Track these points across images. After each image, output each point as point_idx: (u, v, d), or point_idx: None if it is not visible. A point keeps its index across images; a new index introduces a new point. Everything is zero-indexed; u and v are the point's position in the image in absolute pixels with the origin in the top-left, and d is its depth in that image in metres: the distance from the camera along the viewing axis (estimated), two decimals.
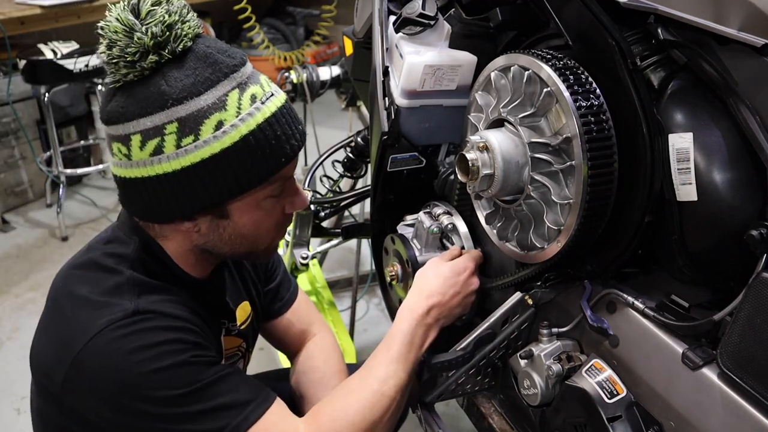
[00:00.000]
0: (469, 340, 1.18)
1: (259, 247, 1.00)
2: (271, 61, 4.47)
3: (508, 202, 1.05)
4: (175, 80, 0.87)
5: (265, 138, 0.90)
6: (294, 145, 0.93)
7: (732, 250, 0.86)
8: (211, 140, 0.87)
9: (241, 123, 0.88)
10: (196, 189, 0.89)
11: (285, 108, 0.94)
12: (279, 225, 1.01)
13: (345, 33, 1.60)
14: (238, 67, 0.91)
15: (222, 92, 0.88)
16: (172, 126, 0.86)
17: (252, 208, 0.95)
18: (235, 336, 1.14)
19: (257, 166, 0.90)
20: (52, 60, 2.94)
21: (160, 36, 0.85)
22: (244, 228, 0.96)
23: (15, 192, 3.46)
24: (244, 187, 0.91)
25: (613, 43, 0.90)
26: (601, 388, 0.98)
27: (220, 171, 0.88)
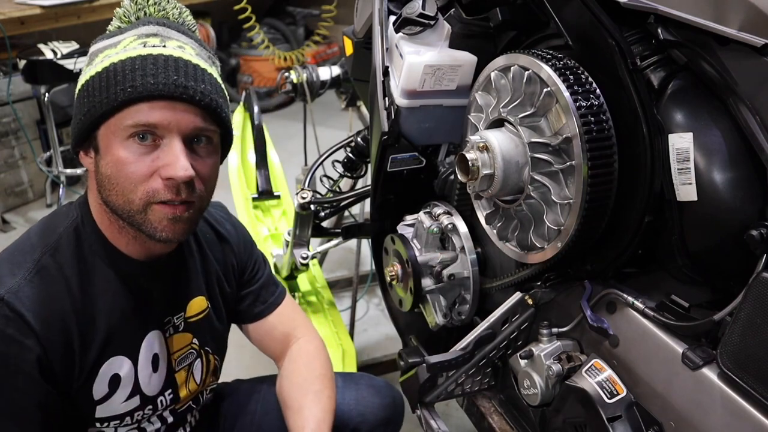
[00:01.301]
0: (469, 340, 1.19)
1: (131, 205, 0.95)
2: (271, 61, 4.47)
3: (508, 202, 1.05)
4: (107, 32, 1.02)
5: (123, 68, 0.93)
6: (150, 85, 0.91)
7: (732, 250, 0.86)
8: (93, 66, 0.97)
9: (116, 55, 0.95)
10: (77, 112, 0.97)
11: (168, 57, 0.94)
12: (149, 186, 0.94)
13: (345, 33, 1.60)
14: (150, 24, 0.99)
15: (124, 37, 0.98)
16: (87, 60, 1.01)
17: (114, 144, 0.93)
18: (183, 332, 1.13)
19: (108, 90, 0.93)
20: (52, 60, 2.94)
21: (127, 8, 1.02)
22: (108, 167, 0.94)
23: (15, 192, 3.46)
24: (96, 110, 0.93)
25: (613, 43, 0.90)
26: (601, 388, 0.98)
27: (87, 94, 0.95)
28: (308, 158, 2.36)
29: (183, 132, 0.94)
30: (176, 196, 0.94)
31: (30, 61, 2.94)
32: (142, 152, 0.93)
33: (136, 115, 0.92)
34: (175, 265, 1.11)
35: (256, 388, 1.36)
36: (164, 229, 0.96)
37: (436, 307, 1.30)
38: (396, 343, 1.95)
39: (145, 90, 0.91)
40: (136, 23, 1.00)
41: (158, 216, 0.95)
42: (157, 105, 0.92)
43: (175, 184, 0.93)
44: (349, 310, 2.29)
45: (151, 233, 0.96)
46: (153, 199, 0.94)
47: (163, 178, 0.93)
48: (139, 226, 0.97)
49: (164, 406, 1.12)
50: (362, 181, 1.93)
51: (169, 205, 0.95)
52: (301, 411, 1.17)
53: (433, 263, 1.26)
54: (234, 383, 1.39)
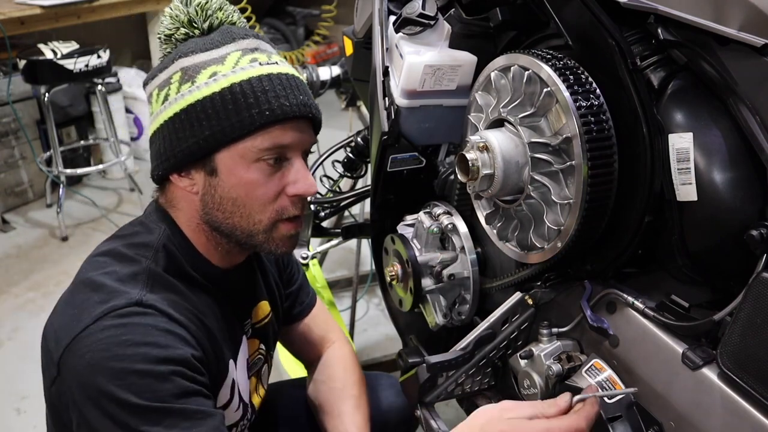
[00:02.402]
0: (469, 340, 1.19)
1: (257, 225, 0.96)
2: None
3: (508, 202, 1.05)
4: (191, 43, 0.96)
5: (252, 90, 0.91)
6: (286, 107, 0.91)
7: (732, 250, 0.86)
8: (203, 86, 0.92)
9: (233, 74, 0.92)
10: (187, 134, 0.92)
11: (287, 76, 0.94)
12: (278, 204, 0.95)
13: (345, 33, 1.60)
14: (248, 36, 0.96)
15: (225, 52, 0.94)
16: (177, 75, 0.94)
17: (240, 167, 0.92)
18: (252, 338, 1.13)
19: (239, 114, 0.90)
20: (52, 60, 2.94)
21: (194, 15, 0.97)
22: (233, 190, 0.93)
23: (15, 192, 3.47)
24: (226, 135, 0.91)
25: (613, 43, 0.90)
26: (601, 388, 0.98)
27: (206, 116, 0.91)
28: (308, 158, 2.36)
29: (304, 149, 0.98)
30: (301, 211, 0.98)
31: (30, 61, 2.95)
32: (270, 173, 0.94)
33: (272, 138, 0.92)
34: (246, 271, 1.11)
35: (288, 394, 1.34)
36: (284, 244, 0.99)
37: (436, 307, 1.30)
38: (396, 343, 1.95)
39: (282, 113, 0.91)
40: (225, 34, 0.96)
41: (283, 233, 0.98)
42: (288, 126, 0.93)
43: (301, 200, 0.97)
44: (349, 310, 2.29)
45: (272, 250, 0.99)
46: (281, 217, 0.96)
47: (290, 196, 0.96)
48: (258, 245, 0.98)
49: (250, 415, 1.11)
50: (362, 181, 1.93)
51: (292, 222, 0.98)
52: (341, 416, 1.16)
53: (433, 263, 1.26)
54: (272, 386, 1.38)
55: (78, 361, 0.86)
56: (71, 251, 3.04)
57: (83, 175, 3.70)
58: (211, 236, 0.98)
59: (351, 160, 1.76)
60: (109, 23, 3.87)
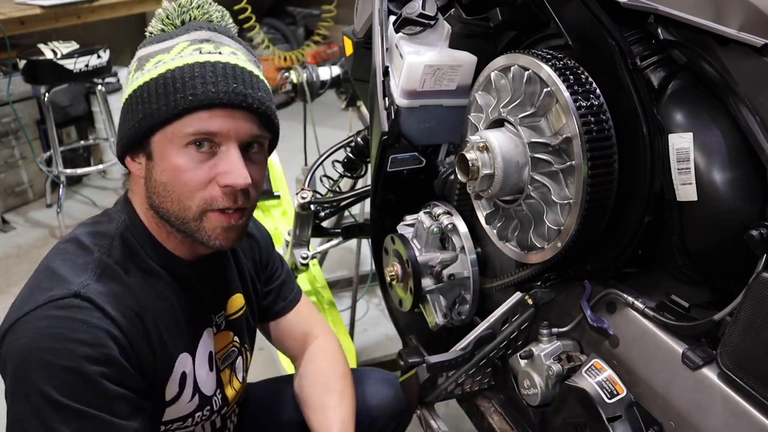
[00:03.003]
0: (469, 340, 1.19)
1: (186, 212, 0.95)
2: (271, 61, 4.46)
3: (508, 202, 1.05)
4: (155, 36, 1.00)
5: (182, 75, 0.92)
6: (211, 92, 0.91)
7: (732, 250, 0.86)
8: (146, 72, 0.95)
9: (171, 61, 0.94)
10: (128, 117, 0.96)
11: (225, 64, 0.94)
12: (207, 193, 0.94)
13: (345, 33, 1.60)
14: (202, 28, 0.98)
15: (176, 42, 0.97)
16: (134, 65, 0.99)
17: (170, 151, 0.93)
18: (225, 330, 1.13)
19: (166, 98, 0.92)
20: (52, 60, 2.94)
21: (171, 11, 1.00)
22: (163, 174, 0.94)
23: (15, 192, 3.46)
24: (153, 118, 0.92)
25: (613, 43, 0.91)
26: (601, 388, 0.98)
27: (141, 100, 0.94)
28: (308, 158, 2.36)
29: (240, 139, 0.95)
30: (233, 203, 0.95)
31: (30, 61, 2.94)
32: (200, 159, 0.93)
33: (196, 123, 0.92)
34: (215, 264, 1.11)
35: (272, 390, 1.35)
36: (218, 237, 0.97)
37: (436, 307, 1.30)
38: (396, 343, 1.95)
39: (207, 98, 0.91)
40: (184, 28, 0.99)
41: (213, 224, 0.96)
42: (216, 113, 0.92)
43: (233, 191, 0.94)
44: (349, 310, 2.29)
45: (204, 241, 0.97)
46: (210, 206, 0.95)
47: (221, 186, 0.94)
48: (192, 233, 0.97)
49: (218, 406, 1.12)
50: (362, 181, 1.93)
51: (225, 214, 0.96)
52: (325, 410, 1.17)
53: (433, 263, 1.26)
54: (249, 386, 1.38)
55: (15, 343, 0.88)
56: None
57: (83, 175, 3.70)
58: (160, 223, 0.99)
59: (351, 160, 1.76)
60: (109, 23, 3.87)
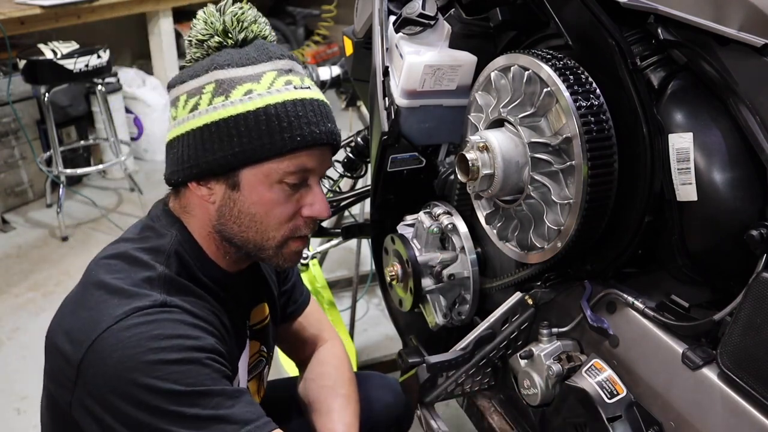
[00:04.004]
0: (469, 340, 1.19)
1: (269, 241, 0.98)
2: None
3: (508, 202, 1.05)
4: (226, 54, 0.96)
5: (286, 113, 0.92)
6: (316, 134, 0.94)
7: (732, 250, 0.86)
8: (237, 102, 0.93)
9: (268, 94, 0.93)
10: (215, 146, 0.93)
11: (318, 102, 0.96)
12: (293, 224, 0.99)
13: (345, 33, 1.60)
14: (283, 57, 0.97)
15: (261, 70, 0.95)
16: (210, 86, 0.94)
17: (262, 186, 0.94)
18: (252, 340, 1.14)
19: (272, 136, 0.92)
20: (52, 60, 2.94)
21: (229, 24, 0.97)
22: (253, 206, 0.95)
23: (15, 192, 3.46)
24: (255, 154, 0.92)
25: (613, 43, 0.91)
26: (601, 388, 0.98)
27: (238, 133, 0.92)
28: None
29: (323, 174, 1.01)
30: (312, 231, 1.02)
31: (30, 61, 2.94)
32: (290, 194, 0.96)
33: (297, 162, 0.94)
34: (249, 275, 1.12)
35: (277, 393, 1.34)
36: (291, 259, 1.03)
37: (436, 307, 1.30)
38: (396, 343, 1.95)
39: (313, 139, 0.94)
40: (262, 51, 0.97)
41: (292, 250, 1.01)
42: (314, 152, 0.96)
43: (315, 221, 1.01)
44: (349, 310, 2.29)
45: (278, 264, 1.02)
46: (293, 235, 1.00)
47: (304, 216, 0.99)
48: (267, 258, 1.01)
49: None
50: (362, 181, 1.93)
51: (302, 240, 1.02)
52: (330, 414, 1.16)
53: (433, 263, 1.26)
54: None
55: (105, 361, 0.86)
56: (71, 251, 3.04)
57: (83, 175, 3.70)
58: (221, 245, 1.01)
59: (351, 160, 1.76)
60: (109, 23, 3.87)
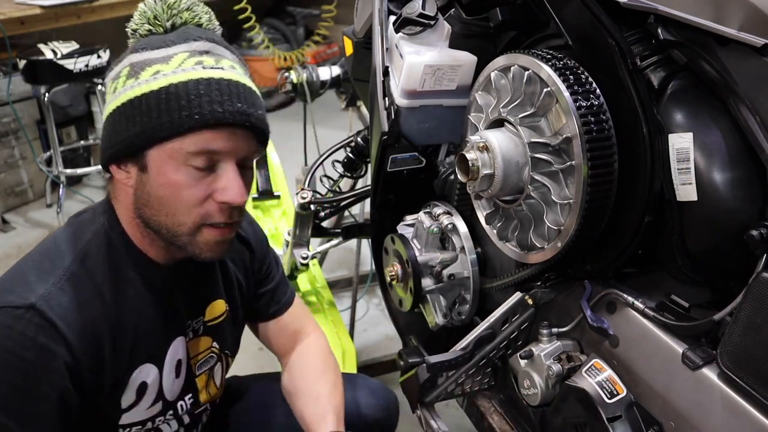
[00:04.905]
0: (469, 340, 1.19)
1: (181, 227, 0.95)
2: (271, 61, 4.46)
3: (508, 202, 1.05)
4: (146, 40, 0.98)
5: (186, 92, 0.91)
6: (218, 113, 0.91)
7: (732, 250, 0.86)
8: (143, 83, 0.93)
9: (173, 74, 0.92)
10: (122, 127, 0.94)
11: (228, 81, 0.93)
12: (203, 209, 0.94)
13: (345, 33, 1.60)
14: (201, 39, 0.96)
15: (173, 52, 0.94)
16: (125, 69, 0.95)
17: (168, 167, 0.93)
18: (203, 335, 1.13)
19: (170, 115, 0.91)
20: (52, 60, 2.94)
21: (160, 12, 0.98)
22: (160, 189, 0.93)
23: (15, 192, 3.46)
24: (156, 133, 0.91)
25: (613, 43, 0.91)
26: (601, 388, 0.98)
27: (140, 112, 0.92)
28: (308, 158, 2.36)
29: (239, 157, 0.96)
30: (229, 219, 0.96)
31: (30, 61, 2.94)
32: (199, 177, 0.93)
33: (200, 141, 0.91)
34: (194, 269, 1.11)
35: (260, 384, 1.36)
36: (210, 250, 0.98)
37: (436, 307, 1.30)
38: (396, 343, 1.95)
39: (213, 118, 0.91)
40: (181, 35, 0.97)
41: (206, 238, 0.97)
42: (220, 132, 0.92)
43: (229, 207, 0.95)
44: (349, 310, 2.29)
45: (195, 253, 0.98)
46: (205, 221, 0.95)
47: (218, 202, 0.94)
48: (182, 246, 0.98)
49: (184, 410, 1.12)
50: (362, 181, 1.93)
51: (219, 228, 0.97)
52: (318, 399, 1.17)
53: (433, 263, 1.26)
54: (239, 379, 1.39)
55: None
56: None
57: (83, 175, 3.69)
58: (145, 232, 0.99)
59: (351, 160, 1.76)
60: (109, 23, 3.86)
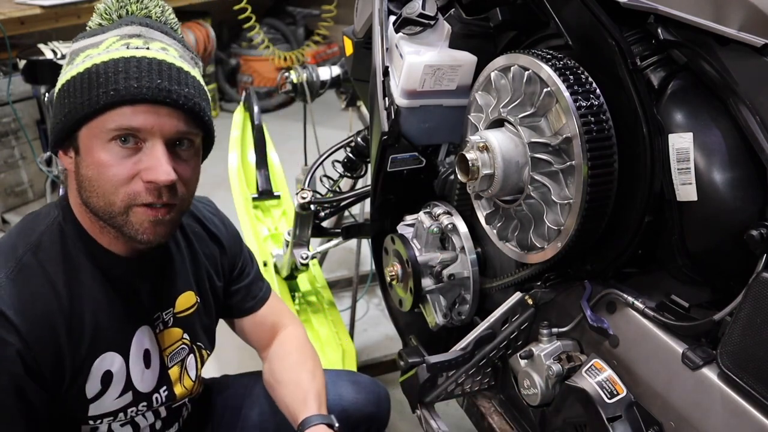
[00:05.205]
0: (469, 340, 1.19)
1: (112, 207, 0.95)
2: (271, 61, 4.47)
3: (508, 202, 1.05)
4: (88, 31, 1.00)
5: (105, 70, 0.92)
6: (133, 88, 0.90)
7: (732, 250, 0.86)
8: (74, 66, 0.95)
9: (98, 56, 0.94)
10: (57, 111, 0.96)
11: (151, 60, 0.93)
12: (130, 188, 0.94)
13: (345, 33, 1.60)
14: (134, 23, 0.98)
15: (106, 37, 0.96)
16: (67, 59, 0.99)
17: (95, 147, 0.93)
18: (173, 327, 1.13)
19: (89, 92, 0.92)
20: (52, 60, 2.93)
21: (110, 5, 1.01)
22: (89, 169, 0.94)
23: (15, 192, 3.46)
24: (77, 112, 0.92)
25: (613, 43, 0.90)
26: (601, 388, 0.98)
27: (67, 94, 0.94)
28: (308, 158, 2.36)
29: (166, 136, 0.94)
30: (157, 199, 0.95)
31: (30, 61, 2.94)
32: (124, 155, 0.93)
33: (119, 118, 0.91)
34: (160, 260, 1.11)
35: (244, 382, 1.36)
36: (145, 231, 0.97)
37: (436, 307, 1.30)
38: (396, 343, 1.95)
39: (128, 93, 0.91)
40: (118, 22, 0.99)
41: (139, 218, 0.96)
42: (140, 109, 0.92)
43: (157, 187, 0.94)
44: (349, 310, 2.29)
45: (132, 235, 0.97)
46: (134, 201, 0.94)
47: (145, 181, 0.93)
48: (120, 228, 0.97)
49: (160, 402, 1.12)
50: (362, 181, 1.93)
51: (151, 208, 0.96)
52: (300, 385, 1.19)
53: (433, 263, 1.26)
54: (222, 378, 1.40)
55: None
56: None
57: None
58: (93, 218, 0.99)
59: (351, 160, 1.76)
60: None
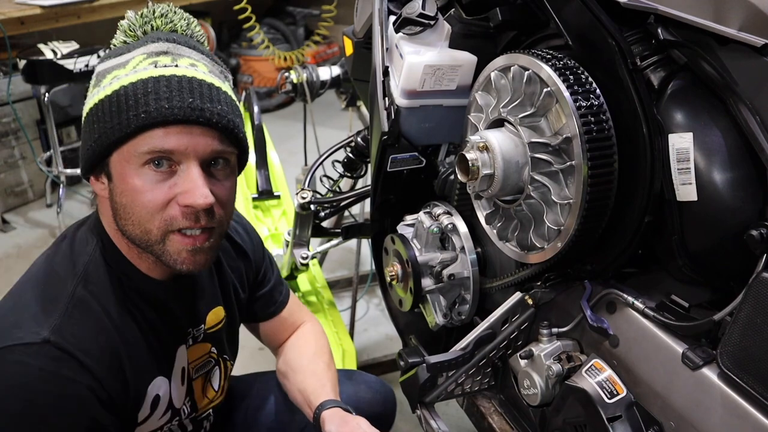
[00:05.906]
0: (469, 340, 1.19)
1: (149, 235, 0.91)
2: (271, 61, 4.47)
3: (508, 202, 1.05)
4: (113, 49, 0.97)
5: (134, 91, 0.87)
6: (164, 109, 0.86)
7: (732, 250, 0.86)
8: (101, 88, 0.91)
9: (126, 77, 0.90)
10: (87, 136, 0.93)
11: (181, 78, 0.89)
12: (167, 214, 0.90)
13: (345, 33, 1.60)
14: (161, 39, 0.94)
15: (132, 56, 0.92)
16: (93, 80, 0.95)
17: (128, 172, 0.89)
18: (201, 342, 1.13)
19: (120, 116, 0.88)
20: (52, 60, 2.94)
21: (134, 21, 0.97)
22: (123, 196, 0.90)
23: (15, 192, 3.46)
24: (109, 137, 0.88)
25: (613, 43, 0.91)
26: (601, 388, 0.98)
27: (97, 119, 0.90)
28: (308, 158, 2.36)
29: (200, 156, 0.90)
30: (195, 223, 0.91)
31: (30, 61, 2.94)
32: (159, 179, 0.89)
33: (151, 141, 0.87)
34: (191, 279, 1.09)
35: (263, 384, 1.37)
36: (184, 261, 0.93)
37: (436, 307, 1.30)
38: (396, 343, 1.96)
39: (160, 115, 0.86)
40: (144, 39, 0.95)
41: (176, 248, 0.92)
42: (172, 130, 0.88)
43: (194, 211, 0.90)
44: (349, 310, 2.29)
45: (171, 264, 0.94)
46: (170, 227, 0.91)
47: (181, 206, 0.89)
48: (159, 257, 0.94)
49: (185, 414, 1.12)
50: (362, 181, 1.93)
51: (188, 237, 0.92)
52: (315, 372, 1.20)
53: (433, 263, 1.26)
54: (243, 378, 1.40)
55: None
56: None
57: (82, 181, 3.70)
58: (131, 245, 0.96)
59: (351, 160, 1.76)
60: (109, 23, 3.86)
